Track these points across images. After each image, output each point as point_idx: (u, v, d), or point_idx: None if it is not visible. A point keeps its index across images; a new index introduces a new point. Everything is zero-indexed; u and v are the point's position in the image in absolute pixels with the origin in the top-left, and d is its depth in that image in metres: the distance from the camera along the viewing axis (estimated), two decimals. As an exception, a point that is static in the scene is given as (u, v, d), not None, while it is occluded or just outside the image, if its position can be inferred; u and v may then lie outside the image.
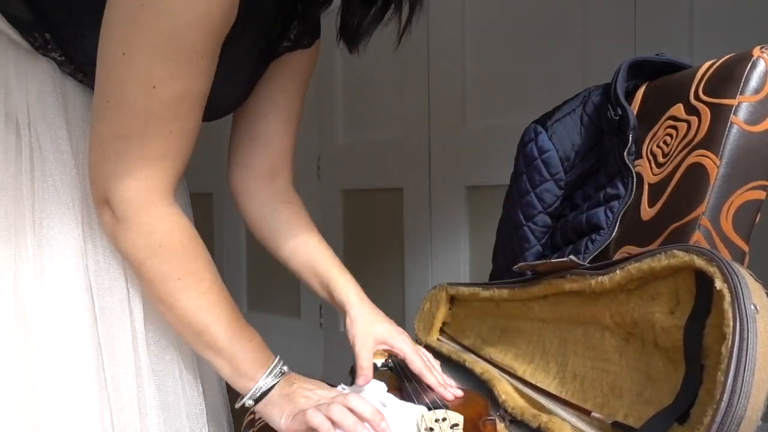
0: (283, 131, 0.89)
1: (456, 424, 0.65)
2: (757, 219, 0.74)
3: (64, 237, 0.69)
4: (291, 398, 0.68)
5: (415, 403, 0.74)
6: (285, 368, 0.72)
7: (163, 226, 0.65)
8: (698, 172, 0.74)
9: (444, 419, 0.66)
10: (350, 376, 0.86)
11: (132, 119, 0.62)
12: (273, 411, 0.69)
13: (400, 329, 0.85)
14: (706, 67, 0.79)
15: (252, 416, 0.88)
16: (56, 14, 0.69)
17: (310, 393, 0.69)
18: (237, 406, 0.72)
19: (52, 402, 0.66)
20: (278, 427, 0.68)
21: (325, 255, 0.88)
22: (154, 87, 0.61)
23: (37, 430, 0.65)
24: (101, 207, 0.66)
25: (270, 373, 0.70)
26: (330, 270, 0.87)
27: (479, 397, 0.81)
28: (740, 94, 0.72)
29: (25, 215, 0.68)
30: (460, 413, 0.67)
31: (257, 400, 0.69)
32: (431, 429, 0.64)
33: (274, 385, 0.69)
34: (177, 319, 0.67)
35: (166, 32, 0.59)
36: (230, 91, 0.78)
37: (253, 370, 0.69)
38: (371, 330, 0.82)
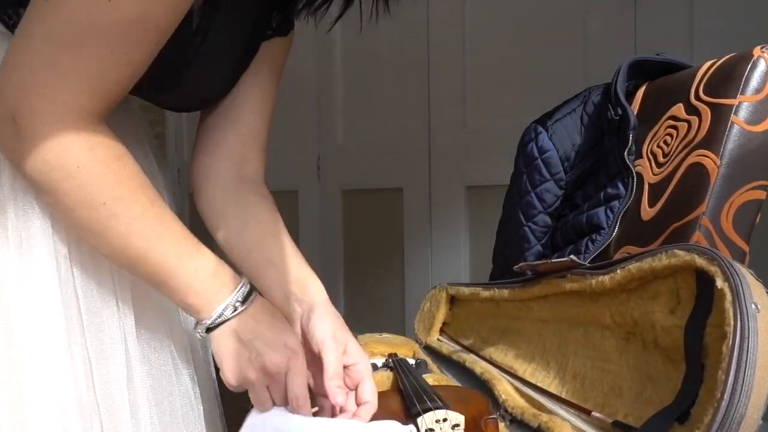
0: (255, 110, 0.80)
1: (457, 425, 0.65)
2: (758, 219, 0.74)
3: (48, 234, 0.64)
4: (233, 351, 0.63)
5: (415, 406, 0.71)
6: (230, 309, 0.63)
7: (81, 143, 0.57)
8: (698, 172, 0.74)
9: (445, 420, 0.65)
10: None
11: (72, 25, 0.54)
12: (217, 351, 0.64)
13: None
14: (706, 67, 0.79)
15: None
16: None
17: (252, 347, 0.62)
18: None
19: (37, 405, 0.62)
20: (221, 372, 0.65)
21: (299, 254, 0.77)
22: (110, 0, 0.54)
23: None
24: (3, 123, 0.56)
25: (222, 309, 0.63)
26: (303, 267, 0.75)
27: (480, 395, 0.80)
28: (741, 93, 0.73)
29: (7, 211, 0.63)
30: (461, 413, 0.67)
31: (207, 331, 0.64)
32: (432, 430, 0.64)
33: (218, 325, 0.63)
34: (110, 248, 0.61)
35: None
36: (214, 79, 0.75)
37: (200, 304, 0.63)
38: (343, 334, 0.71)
